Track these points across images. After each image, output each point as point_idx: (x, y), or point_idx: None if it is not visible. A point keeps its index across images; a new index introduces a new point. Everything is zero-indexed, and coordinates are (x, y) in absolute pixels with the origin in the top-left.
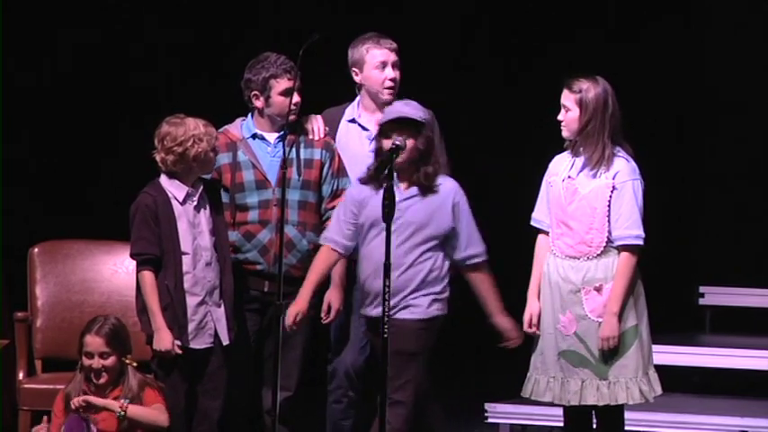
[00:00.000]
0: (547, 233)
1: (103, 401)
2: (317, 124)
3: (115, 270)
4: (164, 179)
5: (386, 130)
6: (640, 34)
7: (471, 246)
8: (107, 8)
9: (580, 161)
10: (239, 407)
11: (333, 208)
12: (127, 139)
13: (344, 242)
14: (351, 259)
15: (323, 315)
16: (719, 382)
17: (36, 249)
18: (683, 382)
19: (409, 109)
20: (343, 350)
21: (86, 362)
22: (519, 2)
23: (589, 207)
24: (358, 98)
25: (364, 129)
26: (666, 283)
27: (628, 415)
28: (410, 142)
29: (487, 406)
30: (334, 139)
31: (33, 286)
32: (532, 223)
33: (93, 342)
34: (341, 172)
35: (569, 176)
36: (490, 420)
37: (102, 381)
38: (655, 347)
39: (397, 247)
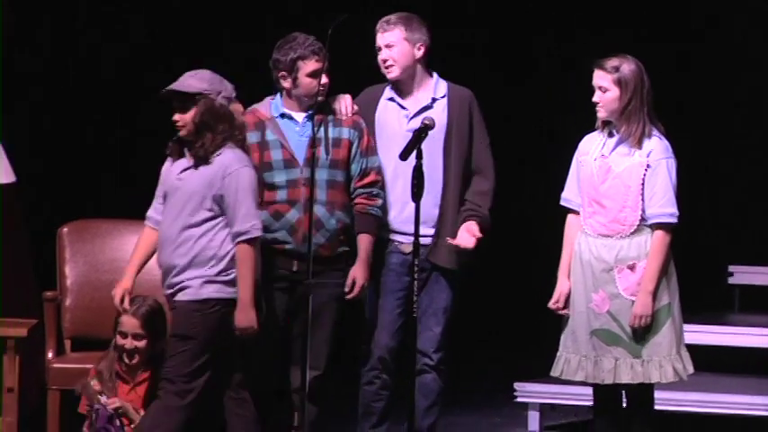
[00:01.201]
0: (576, 213)
1: (133, 413)
2: (345, 103)
3: None
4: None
5: (168, 99)
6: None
7: (238, 222)
8: None
9: (613, 140)
10: (268, 386)
11: (361, 187)
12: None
13: (157, 217)
14: (379, 237)
15: (346, 290)
16: (749, 361)
17: (65, 229)
18: (712, 361)
19: (192, 81)
20: (375, 332)
21: (120, 341)
22: None
23: (623, 185)
24: None
25: (402, 108)
26: (695, 262)
27: (657, 394)
28: (190, 115)
29: (516, 385)
30: (373, 117)
31: (62, 266)
32: (562, 203)
33: (129, 322)
34: (370, 151)
35: (602, 155)
36: (519, 400)
37: (133, 362)
38: (684, 327)
39: (173, 221)
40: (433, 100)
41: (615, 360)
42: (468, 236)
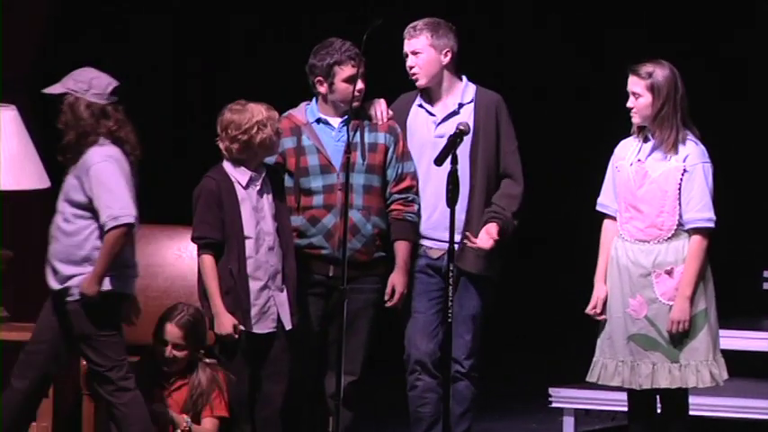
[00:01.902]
0: (613, 218)
1: (173, 415)
2: (380, 108)
3: (179, 255)
4: (227, 164)
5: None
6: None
7: (101, 216)
8: None
9: (649, 145)
10: (303, 392)
11: (397, 192)
12: (190, 124)
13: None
14: (414, 243)
15: (386, 298)
16: None
17: None
18: (746, 367)
19: (62, 82)
20: (411, 335)
21: (159, 349)
22: None
23: (660, 190)
24: None
25: (431, 114)
26: (730, 268)
27: (692, 399)
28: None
29: (551, 390)
30: (405, 123)
31: None
32: (598, 208)
33: (172, 331)
34: (405, 156)
35: (639, 160)
36: (554, 405)
37: (171, 370)
38: (720, 332)
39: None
40: (460, 105)
41: (653, 365)
42: (486, 237)
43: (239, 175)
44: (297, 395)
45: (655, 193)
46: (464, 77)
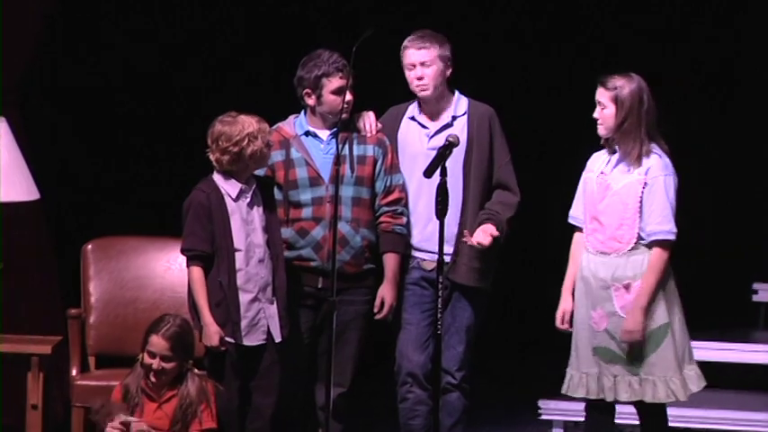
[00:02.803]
0: (582, 230)
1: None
2: (369, 121)
3: (168, 266)
4: (217, 176)
5: None
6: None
7: None
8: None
9: (615, 157)
10: (293, 403)
11: (386, 204)
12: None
13: None
14: (405, 255)
15: (375, 310)
16: None
17: (89, 246)
18: (736, 379)
19: None
20: (402, 347)
21: (147, 360)
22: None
23: (621, 203)
24: None
25: (423, 126)
26: (720, 280)
27: (684, 412)
28: None
29: (541, 403)
30: (396, 136)
31: (87, 283)
32: (569, 221)
33: (159, 343)
34: (394, 168)
35: (602, 172)
36: (544, 417)
37: (159, 382)
38: (708, 344)
39: None
40: (454, 118)
41: (614, 378)
42: (483, 234)
43: (229, 187)
44: (287, 407)
45: (616, 206)
46: (456, 91)
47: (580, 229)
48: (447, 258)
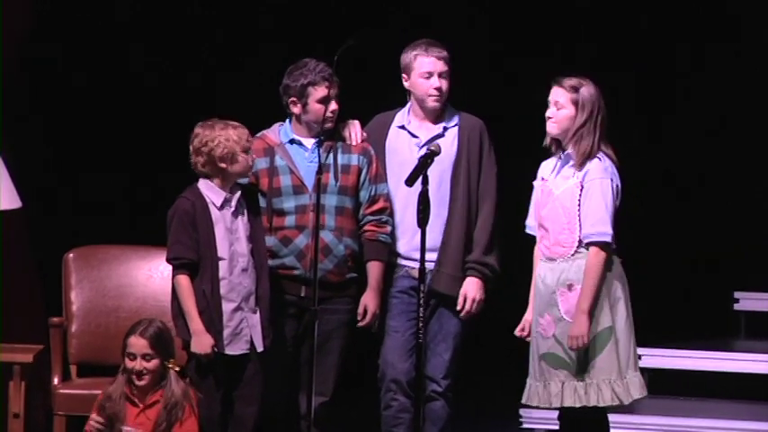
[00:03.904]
0: None
1: None
2: (354, 130)
3: (150, 275)
4: (202, 184)
5: None
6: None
7: None
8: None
9: (559, 163)
10: (275, 412)
11: (371, 213)
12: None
13: None
14: (389, 264)
15: (359, 318)
16: (754, 387)
17: (71, 255)
18: (717, 388)
19: None
20: (387, 354)
21: (129, 363)
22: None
23: (561, 207)
24: (409, 104)
25: (414, 136)
26: (701, 289)
27: (662, 420)
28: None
29: (522, 411)
30: (383, 144)
31: (68, 292)
32: (526, 230)
33: (137, 343)
34: (378, 178)
35: (543, 179)
36: (525, 426)
37: (143, 382)
38: (690, 353)
39: None
40: (445, 129)
41: (561, 383)
42: (469, 300)
43: (214, 195)
44: (269, 417)
45: (557, 211)
46: (447, 103)
47: None
48: (432, 266)
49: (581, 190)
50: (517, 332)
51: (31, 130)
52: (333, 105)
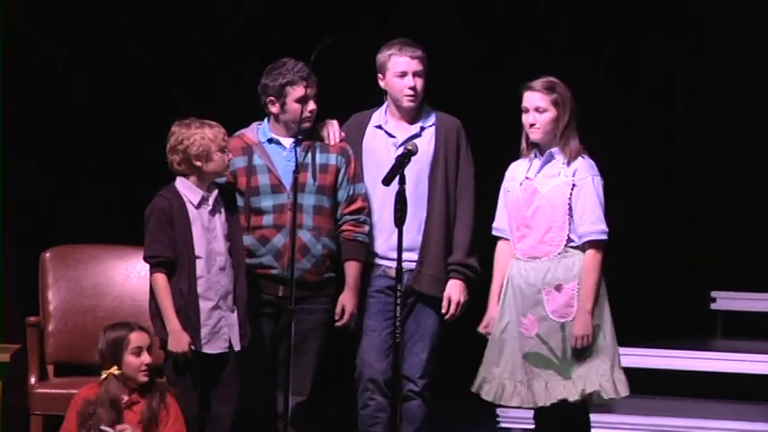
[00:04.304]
0: (507, 240)
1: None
2: (332, 129)
3: (127, 275)
4: (179, 182)
5: None
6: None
7: None
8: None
9: (538, 162)
10: (253, 412)
11: (349, 213)
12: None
13: None
14: (367, 263)
15: (336, 318)
16: (731, 387)
17: (48, 254)
18: (694, 387)
19: None
20: (364, 354)
21: (134, 361)
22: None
23: (549, 206)
24: (385, 104)
25: (390, 135)
26: (678, 288)
27: (639, 419)
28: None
29: (499, 411)
30: (360, 144)
31: (45, 291)
32: (494, 232)
33: (141, 337)
34: (356, 177)
35: (527, 178)
36: (502, 425)
37: (147, 378)
38: (666, 352)
39: None
40: (422, 128)
41: (546, 383)
42: (453, 303)
43: (191, 194)
44: (246, 416)
45: (545, 210)
46: (423, 102)
47: (504, 239)
48: (412, 266)
49: (572, 188)
50: (481, 329)
51: (7, 127)
52: (311, 105)
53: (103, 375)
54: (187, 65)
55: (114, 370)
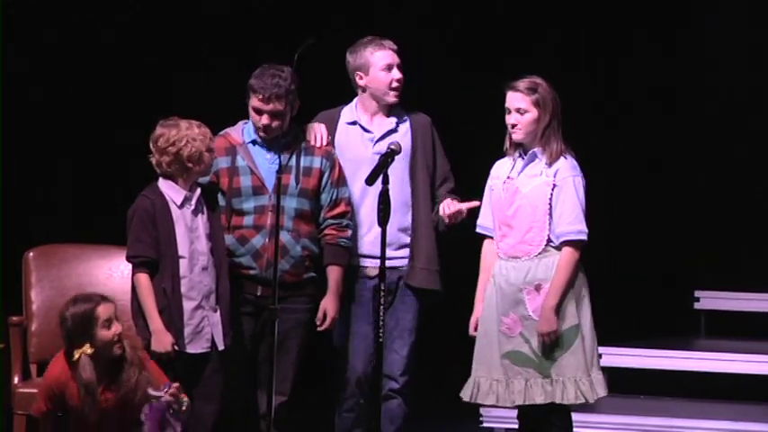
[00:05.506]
0: (492, 238)
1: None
2: (319, 132)
3: (110, 274)
4: (162, 183)
5: None
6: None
7: None
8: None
9: (521, 162)
10: (234, 411)
11: (332, 217)
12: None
13: None
14: (350, 266)
15: (318, 322)
16: (714, 386)
17: (31, 253)
18: (678, 387)
19: None
20: (352, 358)
21: (106, 334)
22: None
23: (530, 206)
24: (355, 100)
25: (367, 131)
26: (661, 288)
27: (622, 419)
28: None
29: (482, 410)
30: (334, 141)
31: (28, 290)
32: (478, 230)
33: (108, 308)
34: (341, 181)
35: (509, 177)
36: (485, 425)
37: (121, 350)
38: (650, 352)
39: None
40: (397, 123)
41: (526, 381)
42: (455, 204)
43: (174, 194)
44: (228, 415)
45: (525, 209)
46: None
47: (489, 237)
48: (401, 263)
49: (552, 188)
50: (471, 332)
51: None
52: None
53: (76, 356)
54: (168, 60)
55: (87, 349)
